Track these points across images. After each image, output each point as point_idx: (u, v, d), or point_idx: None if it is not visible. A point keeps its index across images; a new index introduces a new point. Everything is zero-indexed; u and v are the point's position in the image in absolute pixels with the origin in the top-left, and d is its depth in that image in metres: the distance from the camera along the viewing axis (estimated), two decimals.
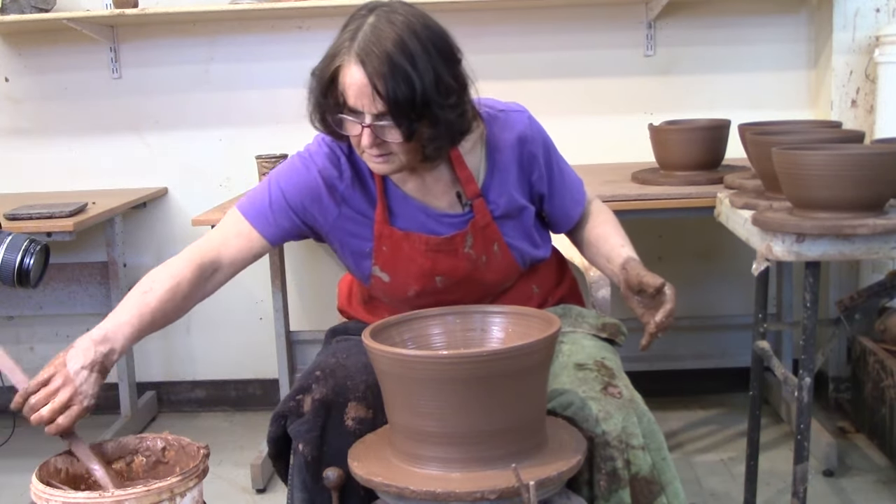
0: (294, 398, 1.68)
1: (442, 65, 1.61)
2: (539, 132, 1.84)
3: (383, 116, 1.59)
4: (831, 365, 3.26)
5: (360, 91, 1.58)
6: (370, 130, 1.60)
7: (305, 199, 1.76)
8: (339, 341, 1.83)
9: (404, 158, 1.66)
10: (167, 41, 3.40)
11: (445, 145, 1.68)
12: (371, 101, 1.57)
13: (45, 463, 1.58)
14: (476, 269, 1.80)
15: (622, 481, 1.59)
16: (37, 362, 3.60)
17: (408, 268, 1.78)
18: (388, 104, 1.56)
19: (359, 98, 1.58)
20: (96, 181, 3.47)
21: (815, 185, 1.91)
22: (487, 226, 1.79)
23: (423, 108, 1.58)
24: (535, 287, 1.93)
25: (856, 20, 3.16)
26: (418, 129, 1.61)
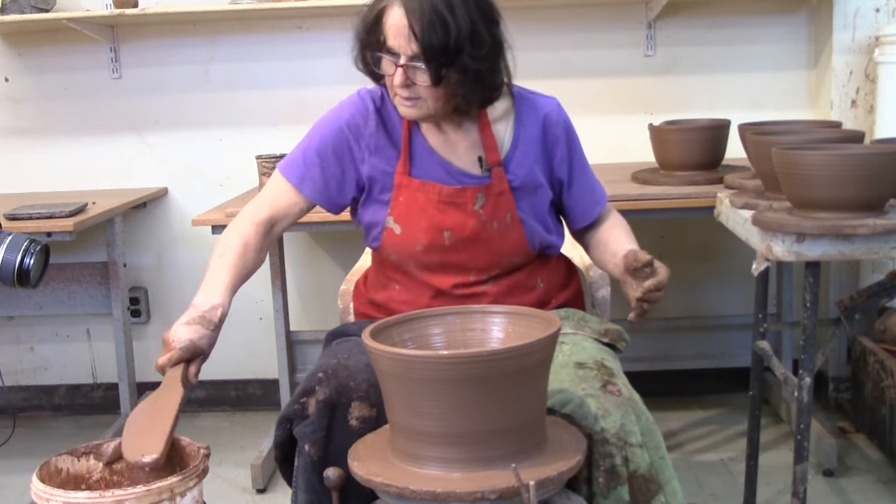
0: (298, 401, 1.69)
1: (479, 18, 1.70)
2: (566, 121, 1.92)
3: (417, 58, 1.69)
4: (831, 365, 3.26)
5: (398, 31, 1.69)
6: (403, 70, 1.71)
7: (333, 148, 1.87)
8: (340, 343, 1.84)
9: (432, 105, 1.75)
10: (167, 41, 3.40)
11: (475, 99, 1.77)
12: (407, 41, 1.68)
13: (45, 463, 1.57)
14: (484, 231, 1.84)
15: (621, 478, 1.59)
16: (37, 362, 3.63)
17: (419, 220, 1.84)
18: (421, 46, 1.67)
19: (396, 38, 1.70)
20: (96, 181, 3.47)
21: (815, 185, 1.91)
22: (503, 193, 1.84)
23: (455, 55, 1.68)
24: (539, 280, 1.93)
25: (856, 20, 3.16)
26: (447, 76, 1.70)
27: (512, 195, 1.85)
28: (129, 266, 3.43)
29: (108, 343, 3.51)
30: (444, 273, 1.87)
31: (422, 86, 1.72)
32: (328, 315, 3.34)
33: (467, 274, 1.88)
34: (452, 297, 1.86)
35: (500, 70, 1.80)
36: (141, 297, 3.53)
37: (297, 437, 1.68)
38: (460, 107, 1.78)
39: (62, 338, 3.62)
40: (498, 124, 1.87)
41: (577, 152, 1.94)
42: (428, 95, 1.74)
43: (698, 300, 3.48)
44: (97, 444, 1.65)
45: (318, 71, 3.38)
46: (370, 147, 1.86)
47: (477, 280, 1.88)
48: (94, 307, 3.43)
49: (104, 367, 3.60)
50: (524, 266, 1.92)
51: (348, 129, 1.87)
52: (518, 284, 1.90)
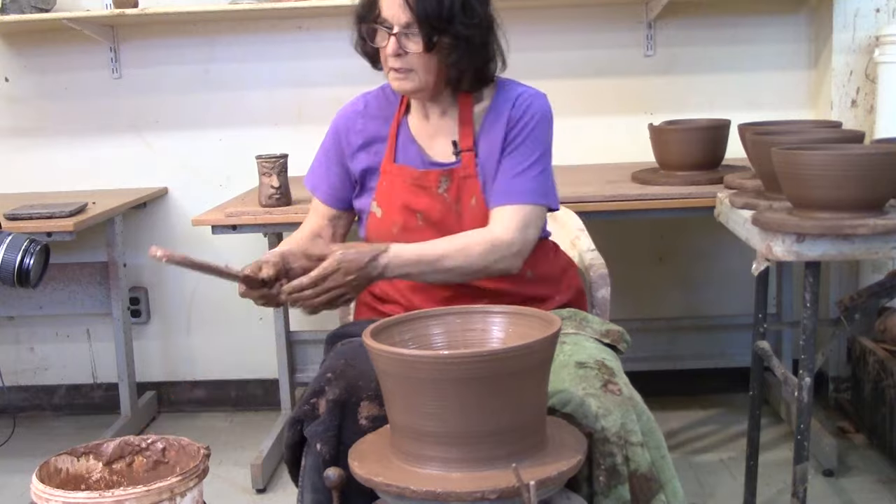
0: (308, 402, 1.69)
1: None
2: (534, 112, 1.89)
3: (410, 26, 1.77)
4: (831, 365, 3.26)
5: (392, 1, 1.77)
6: (395, 39, 1.78)
7: (334, 149, 1.99)
8: (345, 344, 1.84)
9: (423, 77, 1.82)
10: (167, 41, 3.40)
11: (467, 70, 1.83)
12: (401, 10, 1.77)
13: (44, 463, 1.58)
14: (449, 214, 1.88)
15: (621, 477, 1.59)
16: (36, 362, 3.63)
17: (395, 202, 1.91)
18: (414, 14, 1.75)
19: (390, 8, 1.78)
20: (96, 181, 3.47)
21: (815, 185, 1.91)
22: (468, 177, 1.88)
23: (447, 23, 1.76)
24: (528, 271, 1.93)
25: (856, 20, 3.16)
26: (439, 43, 1.77)
27: (478, 179, 1.87)
28: (129, 266, 3.43)
29: (108, 343, 3.51)
30: None
31: (414, 54, 1.79)
32: (328, 315, 3.33)
33: None
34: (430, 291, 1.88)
35: (492, 47, 1.86)
36: (141, 297, 3.53)
37: (308, 436, 1.69)
38: (452, 78, 1.83)
39: (62, 338, 3.62)
40: (477, 112, 1.91)
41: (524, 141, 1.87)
42: (419, 65, 1.80)
43: (698, 300, 3.48)
44: (97, 444, 1.65)
45: (318, 71, 3.38)
46: (360, 143, 1.96)
47: None
48: (94, 307, 3.42)
49: (104, 367, 3.60)
50: None
51: (342, 128, 1.98)
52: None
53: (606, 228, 2.85)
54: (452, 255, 1.77)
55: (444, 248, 1.78)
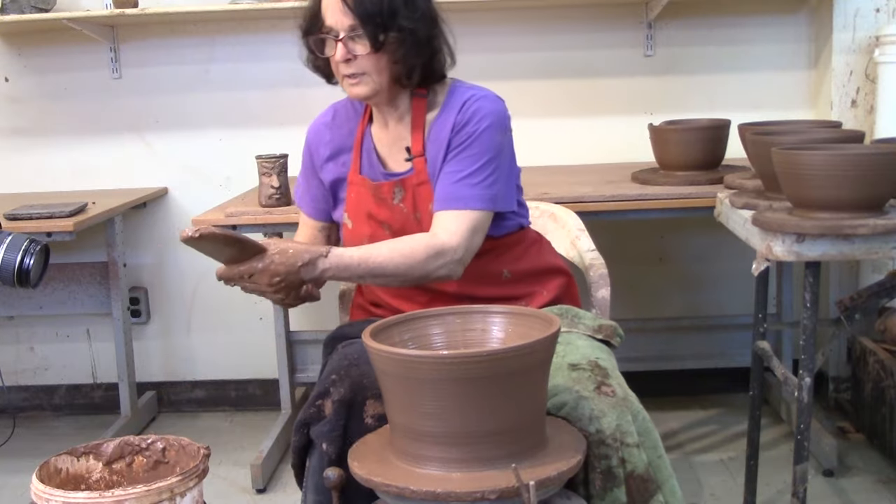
0: (314, 404, 1.69)
1: None
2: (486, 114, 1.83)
3: (354, 28, 1.76)
4: (831, 365, 3.26)
5: (333, 8, 1.78)
6: (342, 45, 1.78)
7: (309, 162, 2.00)
8: (346, 346, 1.84)
9: (376, 79, 1.80)
10: (167, 41, 3.40)
11: (416, 64, 1.81)
12: (343, 15, 1.76)
13: (44, 463, 1.58)
14: (410, 223, 1.87)
15: (617, 480, 1.59)
16: (37, 362, 3.63)
17: (362, 213, 1.92)
18: (356, 15, 1.75)
19: (333, 15, 1.78)
20: (96, 181, 3.47)
21: (815, 185, 1.91)
22: (422, 184, 1.86)
23: (390, 18, 1.75)
24: (505, 271, 1.92)
25: (856, 20, 3.16)
26: (387, 42, 1.76)
27: (431, 185, 1.86)
28: (129, 266, 3.43)
29: (108, 343, 3.51)
30: None
31: (363, 57, 1.78)
32: (328, 315, 3.33)
33: None
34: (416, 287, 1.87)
35: (438, 41, 1.85)
36: (141, 297, 3.53)
37: (315, 437, 1.69)
38: (403, 75, 1.81)
39: (62, 338, 3.62)
40: (430, 116, 1.89)
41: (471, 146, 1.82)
42: (370, 67, 1.79)
43: (698, 300, 3.48)
44: (97, 444, 1.65)
45: None
46: (328, 154, 1.96)
47: None
48: (94, 307, 3.42)
49: (104, 367, 3.60)
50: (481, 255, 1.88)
51: (313, 141, 2.00)
52: (479, 274, 1.88)
53: (606, 228, 2.85)
54: (395, 261, 1.74)
55: (387, 254, 1.75)
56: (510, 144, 1.90)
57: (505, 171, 1.86)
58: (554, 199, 2.58)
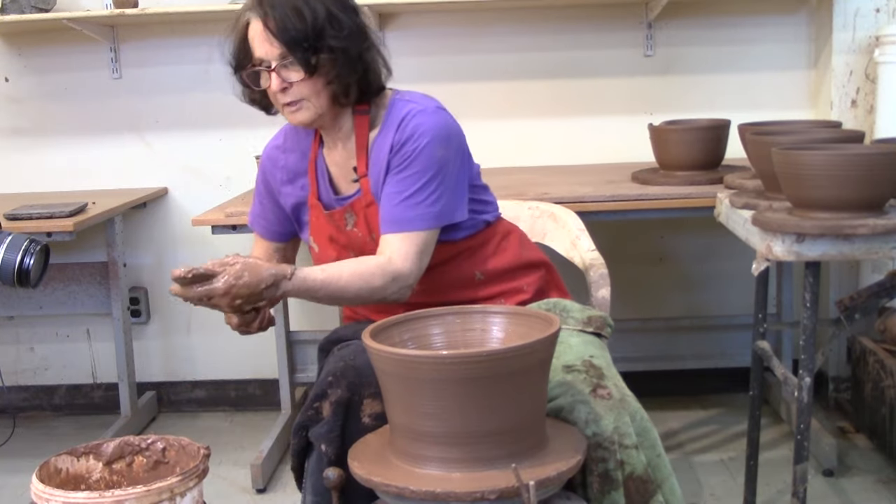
0: (312, 406, 1.69)
1: (334, 3, 1.77)
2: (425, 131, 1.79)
3: (284, 56, 1.74)
4: (831, 365, 3.26)
5: (260, 39, 1.76)
6: (276, 74, 1.76)
7: (264, 185, 1.99)
8: (342, 348, 1.84)
9: (315, 103, 1.78)
10: (167, 41, 3.40)
11: (350, 82, 1.78)
12: (271, 45, 1.74)
13: (44, 463, 1.58)
14: (368, 245, 1.86)
15: (615, 482, 1.59)
16: (37, 362, 3.63)
17: (325, 237, 1.91)
18: (283, 41, 1.73)
19: (262, 46, 1.76)
20: (96, 181, 3.47)
21: (815, 185, 1.91)
22: (371, 204, 1.85)
23: (317, 39, 1.73)
24: (477, 273, 1.91)
25: (856, 20, 3.16)
26: (319, 64, 1.74)
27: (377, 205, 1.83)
28: (129, 266, 3.43)
29: (108, 343, 3.51)
30: None
31: (298, 83, 1.76)
32: (328, 315, 3.34)
33: None
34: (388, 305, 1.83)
35: (370, 56, 1.82)
36: (141, 297, 3.53)
37: (313, 439, 1.69)
38: (339, 95, 1.79)
39: (62, 338, 3.62)
40: (371, 134, 1.85)
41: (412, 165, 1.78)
42: (308, 92, 1.77)
43: (698, 300, 3.48)
44: (97, 444, 1.65)
45: None
46: (285, 178, 1.95)
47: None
48: (94, 307, 3.42)
49: (104, 367, 3.60)
50: (449, 260, 1.88)
51: (268, 165, 1.98)
52: (450, 280, 1.88)
53: (606, 228, 2.86)
54: (355, 285, 1.73)
55: (348, 278, 1.73)
56: (457, 153, 1.84)
57: (451, 184, 1.81)
58: (554, 199, 2.58)
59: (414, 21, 3.36)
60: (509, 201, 2.42)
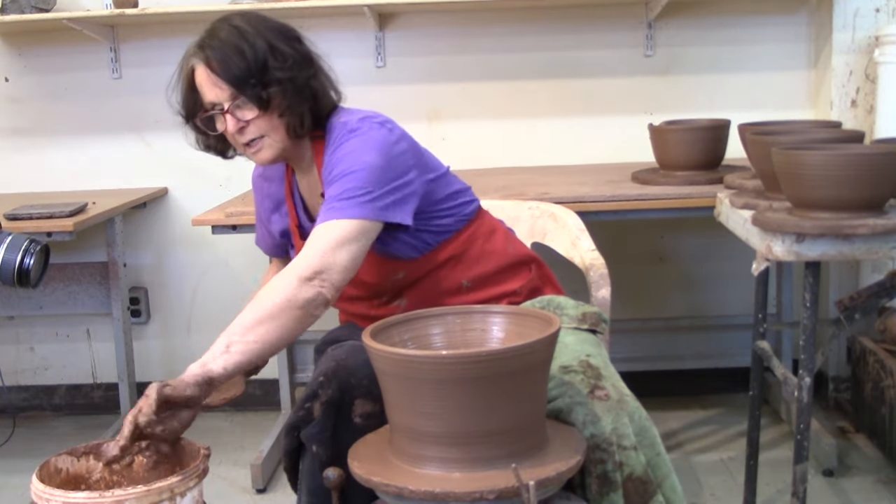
0: (303, 407, 1.69)
1: (274, 36, 1.77)
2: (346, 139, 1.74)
3: (234, 97, 1.73)
4: (831, 365, 3.26)
5: (207, 84, 1.74)
6: (231, 116, 1.74)
7: (258, 213, 2.03)
8: (335, 348, 1.84)
9: (276, 138, 1.77)
10: (167, 41, 3.40)
11: (303, 112, 1.76)
12: (218, 87, 1.73)
13: (45, 463, 1.57)
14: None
15: (613, 484, 1.58)
16: (37, 362, 3.63)
17: None
18: (230, 82, 1.71)
19: (210, 90, 1.74)
20: (96, 181, 3.47)
21: (815, 185, 1.91)
22: None
23: (262, 73, 1.71)
24: (464, 282, 1.89)
25: (856, 20, 3.16)
26: (271, 98, 1.72)
27: None
28: (129, 266, 3.43)
29: (108, 343, 3.51)
30: (351, 302, 1.94)
31: (254, 120, 1.74)
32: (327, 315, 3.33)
33: (371, 299, 1.90)
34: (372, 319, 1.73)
35: (320, 80, 1.80)
36: (141, 297, 3.53)
37: (304, 440, 1.69)
38: (294, 127, 1.76)
39: (62, 338, 3.62)
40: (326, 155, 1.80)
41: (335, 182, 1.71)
42: (265, 129, 1.75)
43: (698, 300, 3.48)
44: (97, 444, 1.65)
45: None
46: (271, 206, 1.99)
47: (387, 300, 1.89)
48: (94, 307, 3.42)
49: (104, 367, 3.60)
50: (433, 271, 1.87)
51: (256, 194, 2.02)
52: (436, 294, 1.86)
53: (606, 228, 2.85)
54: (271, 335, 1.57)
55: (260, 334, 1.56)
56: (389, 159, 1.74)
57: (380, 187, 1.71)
58: (554, 199, 2.58)
59: (414, 21, 3.36)
60: (509, 201, 2.42)
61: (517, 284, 1.93)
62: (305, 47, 1.82)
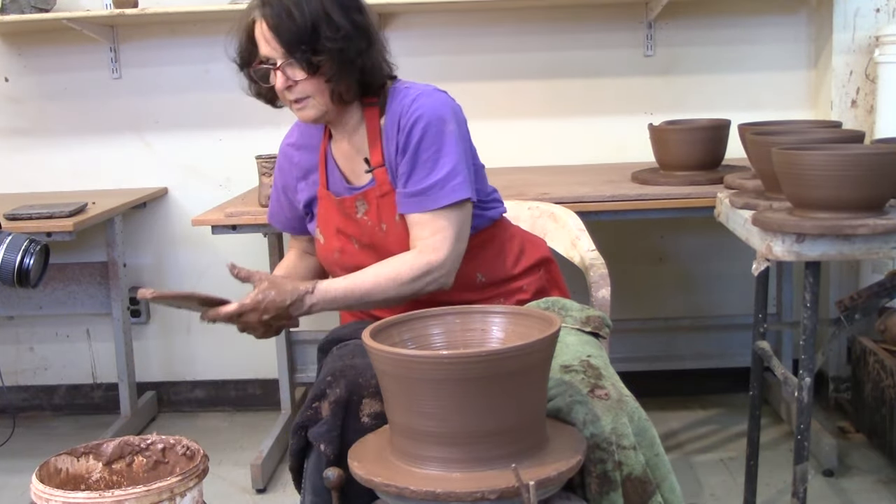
0: (311, 406, 1.69)
1: (332, 5, 1.79)
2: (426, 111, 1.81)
3: (287, 57, 1.78)
4: (831, 365, 3.26)
5: (264, 39, 1.80)
6: (281, 73, 1.80)
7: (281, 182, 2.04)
8: (340, 348, 1.84)
9: (320, 100, 1.82)
10: (167, 41, 3.40)
11: (349, 81, 1.81)
12: (274, 44, 1.79)
13: (44, 463, 1.58)
14: (377, 235, 1.87)
15: (613, 483, 1.58)
16: (36, 362, 3.63)
17: (331, 227, 1.93)
18: (281, 42, 1.77)
19: (266, 46, 1.80)
20: (96, 181, 3.47)
21: (815, 185, 1.91)
22: (386, 195, 1.86)
23: (314, 41, 1.76)
24: (479, 275, 1.91)
25: (856, 20, 3.16)
26: (320, 65, 1.77)
27: (394, 195, 1.84)
28: (129, 266, 3.43)
29: (107, 343, 3.51)
30: None
31: (302, 81, 1.80)
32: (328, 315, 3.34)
33: None
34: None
35: (371, 55, 1.83)
36: None
37: (312, 439, 1.68)
38: (340, 93, 1.82)
39: (62, 338, 3.62)
40: (382, 124, 1.88)
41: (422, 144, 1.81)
42: (312, 90, 1.81)
43: (698, 300, 3.48)
44: (97, 444, 1.65)
45: None
46: (299, 175, 2.00)
47: None
48: (94, 307, 3.42)
49: (104, 367, 3.60)
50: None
51: (284, 163, 2.04)
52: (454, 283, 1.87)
53: (606, 228, 2.85)
54: (382, 286, 1.76)
55: (373, 280, 1.76)
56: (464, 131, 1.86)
57: (464, 160, 1.83)
58: (554, 199, 2.58)
59: (414, 21, 3.36)
60: (509, 201, 2.41)
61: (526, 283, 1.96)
62: (364, 19, 1.84)
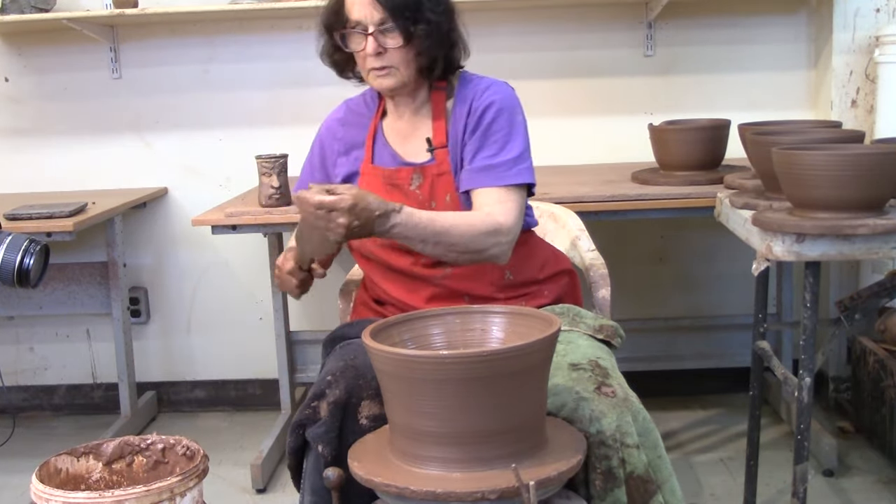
0: (310, 405, 1.69)
1: None
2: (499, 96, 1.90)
3: (384, 22, 1.82)
4: (831, 365, 3.26)
5: (362, 2, 1.82)
6: (373, 38, 1.82)
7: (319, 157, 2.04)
8: (344, 346, 1.84)
9: (404, 71, 1.86)
10: (167, 41, 3.40)
11: (439, 55, 1.87)
12: (372, 9, 1.81)
13: (44, 463, 1.58)
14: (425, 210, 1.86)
15: (618, 480, 1.59)
16: (37, 362, 3.63)
17: None
18: (387, 7, 1.80)
19: (361, 10, 1.82)
20: (96, 181, 3.47)
21: (815, 185, 1.91)
22: (443, 174, 1.89)
23: (417, 11, 1.82)
24: (507, 273, 1.93)
25: (856, 20, 3.16)
26: (415, 33, 1.82)
27: (453, 176, 1.89)
28: (129, 266, 3.43)
29: (107, 343, 3.51)
30: (399, 253, 1.90)
31: (393, 50, 1.83)
32: (328, 315, 3.34)
33: (419, 255, 1.87)
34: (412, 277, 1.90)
35: (456, 32, 1.91)
36: (141, 297, 3.53)
37: (310, 439, 1.69)
38: (426, 67, 1.87)
39: (62, 338, 3.62)
40: (449, 107, 1.94)
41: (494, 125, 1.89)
42: (399, 60, 1.84)
43: (698, 300, 3.48)
44: (97, 444, 1.65)
45: (318, 71, 3.33)
46: (340, 150, 2.01)
47: (434, 262, 1.88)
48: (94, 307, 3.42)
49: (104, 367, 3.60)
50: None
51: (326, 137, 2.04)
52: (481, 272, 1.90)
53: (606, 228, 2.85)
54: (459, 229, 1.76)
55: (452, 220, 1.77)
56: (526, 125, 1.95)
57: (529, 149, 1.92)
58: (554, 199, 2.58)
59: None
60: None
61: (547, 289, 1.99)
62: (452, 1, 1.92)
